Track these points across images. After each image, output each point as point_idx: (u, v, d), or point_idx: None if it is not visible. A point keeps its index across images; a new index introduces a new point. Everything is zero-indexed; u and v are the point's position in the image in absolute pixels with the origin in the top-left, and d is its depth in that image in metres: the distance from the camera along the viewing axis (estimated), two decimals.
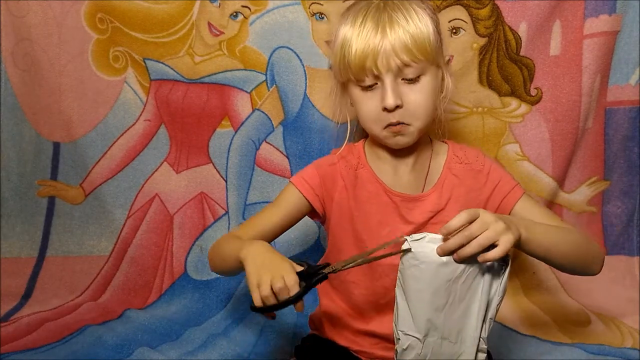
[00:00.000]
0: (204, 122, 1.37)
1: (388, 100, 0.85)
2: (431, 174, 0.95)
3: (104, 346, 1.16)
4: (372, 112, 0.88)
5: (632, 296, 1.32)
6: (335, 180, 0.95)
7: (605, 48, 1.27)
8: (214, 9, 1.33)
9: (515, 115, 1.31)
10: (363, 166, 0.95)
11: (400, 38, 0.84)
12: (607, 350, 1.16)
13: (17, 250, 1.41)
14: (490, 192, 0.93)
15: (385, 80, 0.85)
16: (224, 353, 1.17)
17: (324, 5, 1.29)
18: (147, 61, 1.36)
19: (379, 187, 0.94)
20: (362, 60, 0.85)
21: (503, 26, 1.27)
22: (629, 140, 1.33)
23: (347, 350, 0.98)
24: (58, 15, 1.35)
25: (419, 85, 0.87)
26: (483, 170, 0.94)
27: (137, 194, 1.40)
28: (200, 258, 1.38)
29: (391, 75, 0.85)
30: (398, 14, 0.85)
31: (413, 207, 0.93)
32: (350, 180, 0.95)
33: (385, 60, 0.84)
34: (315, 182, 0.95)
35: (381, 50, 0.84)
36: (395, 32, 0.84)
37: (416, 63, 0.85)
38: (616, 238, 1.36)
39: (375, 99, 0.87)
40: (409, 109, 0.87)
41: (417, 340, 0.80)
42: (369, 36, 0.85)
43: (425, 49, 0.85)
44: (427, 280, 0.78)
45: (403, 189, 0.93)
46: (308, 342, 1.04)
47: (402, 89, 0.86)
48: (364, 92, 0.88)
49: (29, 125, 1.40)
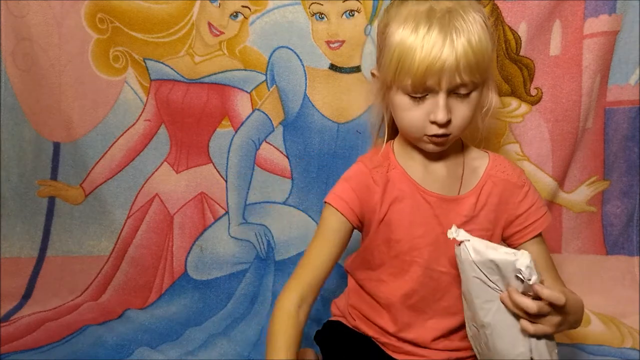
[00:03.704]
0: (204, 122, 1.37)
1: (440, 116, 0.83)
2: (467, 177, 0.94)
3: (104, 346, 1.16)
4: (418, 121, 0.86)
5: (632, 296, 1.32)
6: (369, 187, 0.92)
7: (605, 48, 1.27)
8: (214, 9, 1.33)
9: (515, 115, 1.31)
10: (394, 167, 0.93)
11: (467, 56, 0.80)
12: (606, 351, 1.16)
13: (17, 250, 1.41)
14: (523, 211, 0.93)
15: (440, 97, 0.83)
16: (224, 353, 1.17)
17: (324, 5, 1.29)
18: (147, 61, 1.36)
19: (412, 187, 0.92)
20: (424, 77, 0.81)
21: (503, 26, 1.27)
22: (629, 140, 1.32)
23: (371, 341, 0.96)
24: (58, 15, 1.35)
25: (468, 100, 0.85)
26: (524, 187, 0.93)
27: (137, 194, 1.40)
28: (200, 258, 1.38)
29: (447, 93, 0.83)
30: (463, 26, 0.81)
31: (448, 208, 0.91)
32: (383, 183, 0.92)
33: (448, 78, 0.81)
34: (350, 197, 0.91)
35: (446, 68, 0.80)
36: (462, 48, 0.80)
37: (474, 82, 0.84)
38: (616, 238, 1.36)
39: (423, 110, 0.85)
40: (455, 124, 0.86)
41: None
42: (434, 51, 0.80)
43: (486, 69, 0.84)
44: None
45: (437, 189, 0.92)
46: (331, 328, 1.01)
47: (452, 102, 0.85)
48: (412, 101, 0.85)
49: (29, 125, 1.40)
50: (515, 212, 0.93)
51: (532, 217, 0.93)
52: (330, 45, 1.30)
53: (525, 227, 0.93)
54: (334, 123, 1.33)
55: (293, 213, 1.36)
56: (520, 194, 0.93)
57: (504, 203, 0.93)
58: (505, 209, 0.93)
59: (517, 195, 0.93)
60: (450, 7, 0.83)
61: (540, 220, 0.93)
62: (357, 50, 1.30)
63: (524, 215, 0.93)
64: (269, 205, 1.37)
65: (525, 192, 0.93)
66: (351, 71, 1.31)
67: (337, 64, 1.31)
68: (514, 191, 0.93)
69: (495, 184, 0.93)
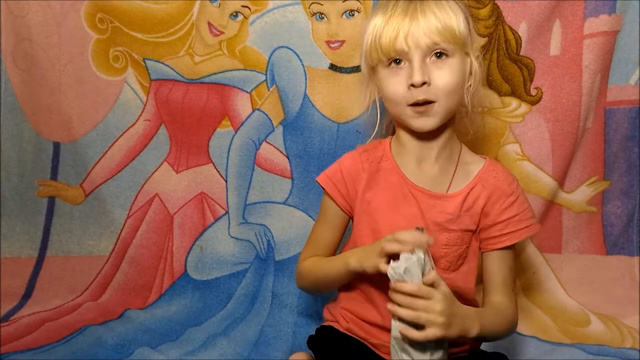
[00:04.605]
0: (204, 122, 1.37)
1: (415, 77, 0.87)
2: (458, 178, 0.95)
3: (104, 346, 1.16)
4: (399, 90, 0.90)
5: (632, 296, 1.32)
6: (358, 173, 0.97)
7: (605, 48, 1.27)
8: (214, 9, 1.33)
9: (516, 115, 1.31)
10: (387, 159, 0.97)
11: (430, 21, 0.87)
12: (606, 351, 1.16)
13: (17, 250, 1.41)
14: (504, 219, 0.93)
15: (414, 58, 0.88)
16: (224, 353, 1.17)
17: (324, 5, 1.29)
18: (147, 61, 1.36)
19: (400, 180, 0.95)
20: (392, 39, 0.88)
21: (503, 26, 1.27)
22: (629, 140, 1.32)
23: (363, 345, 0.97)
24: (58, 15, 1.35)
25: (447, 65, 0.89)
26: (511, 197, 0.94)
27: (137, 194, 1.40)
28: (200, 258, 1.38)
29: (420, 53, 0.88)
30: (429, 2, 0.89)
31: (434, 204, 0.93)
32: (372, 172, 0.96)
33: (414, 38, 0.87)
34: (337, 178, 0.98)
35: (411, 30, 0.87)
36: (425, 16, 0.87)
37: (445, 44, 0.87)
38: (616, 238, 1.36)
39: (402, 77, 0.89)
40: (436, 86, 0.88)
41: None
42: (399, 19, 0.88)
43: (454, 34, 0.88)
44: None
45: (425, 185, 0.94)
46: (322, 333, 1.03)
47: (430, 67, 0.88)
48: (391, 70, 0.90)
49: (29, 125, 1.40)
50: (497, 219, 0.93)
51: (512, 227, 0.93)
52: (330, 45, 1.30)
53: (502, 234, 0.93)
54: (334, 123, 1.33)
55: (293, 213, 1.36)
56: (506, 202, 0.93)
57: (490, 207, 0.94)
58: (488, 213, 0.94)
59: (503, 202, 0.94)
60: None
61: (519, 232, 0.93)
62: (357, 50, 1.30)
63: (505, 222, 0.93)
64: (269, 205, 1.37)
65: (512, 202, 0.94)
66: (351, 71, 1.31)
67: (337, 64, 1.31)
68: (500, 197, 0.94)
69: (484, 187, 0.94)
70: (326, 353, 0.98)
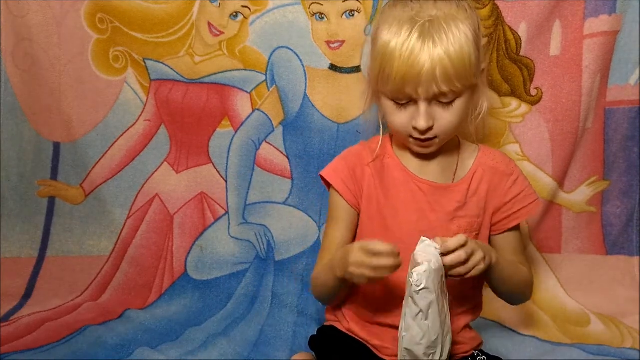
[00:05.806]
0: (204, 122, 1.37)
1: (420, 123, 0.87)
2: (460, 169, 0.97)
3: (104, 346, 1.16)
4: (402, 125, 0.90)
5: (632, 296, 1.32)
6: (363, 169, 0.97)
7: (605, 48, 1.27)
8: (214, 9, 1.33)
9: (516, 115, 1.31)
10: (390, 156, 0.98)
11: (444, 66, 0.83)
12: (606, 351, 1.17)
13: (17, 250, 1.41)
14: (511, 198, 0.96)
15: (421, 105, 0.87)
16: (224, 353, 1.17)
17: (324, 5, 1.29)
18: (147, 61, 1.36)
19: (406, 175, 0.95)
20: (402, 84, 0.85)
21: (503, 26, 1.27)
22: (629, 140, 1.32)
23: (364, 346, 0.97)
24: (58, 15, 1.34)
25: (452, 108, 0.88)
26: (512, 176, 0.97)
27: (137, 194, 1.40)
28: (200, 258, 1.38)
29: (427, 101, 0.87)
30: (442, 37, 0.83)
31: (441, 195, 0.94)
32: (377, 169, 0.97)
33: (425, 87, 0.84)
34: (345, 174, 0.97)
35: (423, 76, 0.83)
36: (438, 57, 0.83)
37: (455, 91, 0.86)
38: (616, 238, 1.36)
39: (407, 115, 0.89)
40: (439, 126, 0.89)
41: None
42: (411, 59, 0.83)
43: (466, 77, 0.85)
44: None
45: (431, 178, 0.95)
46: (324, 333, 1.03)
47: (435, 109, 0.88)
48: (396, 106, 0.90)
49: (29, 125, 1.39)
50: (503, 200, 0.96)
51: (519, 205, 0.96)
52: (330, 45, 1.30)
53: (511, 214, 0.96)
54: (334, 123, 1.33)
55: (293, 213, 1.36)
56: (509, 182, 0.97)
57: (493, 190, 0.96)
58: (494, 196, 0.96)
59: (506, 182, 0.96)
60: (434, 15, 0.85)
61: (527, 208, 0.97)
62: (357, 50, 1.30)
63: (512, 202, 0.96)
64: (269, 205, 1.37)
65: (514, 180, 0.97)
66: (351, 71, 1.31)
67: (337, 64, 1.31)
68: (502, 179, 0.97)
69: (485, 171, 0.96)
70: (328, 353, 0.98)
